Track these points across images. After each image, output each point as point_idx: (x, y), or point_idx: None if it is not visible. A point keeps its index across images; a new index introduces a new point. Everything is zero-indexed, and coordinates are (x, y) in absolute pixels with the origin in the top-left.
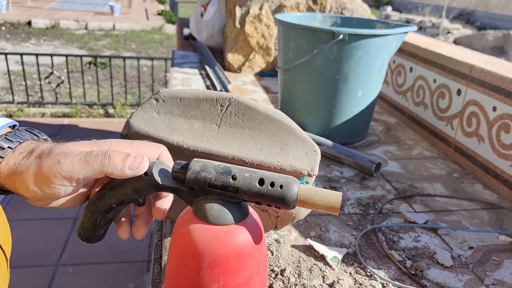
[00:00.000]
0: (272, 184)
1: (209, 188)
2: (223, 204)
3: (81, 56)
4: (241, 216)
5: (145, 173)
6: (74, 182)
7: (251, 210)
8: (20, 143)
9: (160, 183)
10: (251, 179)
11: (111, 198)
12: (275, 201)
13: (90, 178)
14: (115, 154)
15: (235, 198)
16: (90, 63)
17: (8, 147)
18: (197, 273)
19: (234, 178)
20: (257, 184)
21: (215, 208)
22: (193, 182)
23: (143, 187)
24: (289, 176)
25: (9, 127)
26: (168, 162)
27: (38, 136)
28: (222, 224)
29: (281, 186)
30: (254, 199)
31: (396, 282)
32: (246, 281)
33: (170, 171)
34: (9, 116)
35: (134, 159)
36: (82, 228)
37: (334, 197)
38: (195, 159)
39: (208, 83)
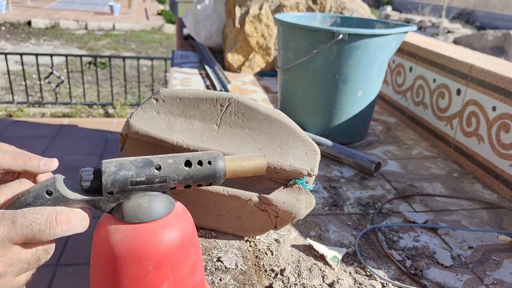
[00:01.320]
0: (200, 163)
1: (132, 187)
2: (150, 198)
3: (81, 56)
4: (170, 206)
5: (48, 192)
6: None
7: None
8: None
9: (71, 198)
10: (177, 163)
11: None
12: (207, 178)
13: (11, 170)
14: (34, 156)
15: (162, 188)
16: (90, 63)
17: None
18: (143, 278)
19: (158, 168)
20: (185, 167)
21: (144, 205)
22: (112, 185)
23: (44, 203)
24: (212, 151)
25: None
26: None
27: None
28: (155, 219)
29: (209, 162)
30: (184, 183)
31: (396, 282)
32: (192, 268)
33: (78, 182)
34: (9, 116)
35: (46, 159)
36: None
37: (259, 158)
38: (104, 160)
39: (208, 83)
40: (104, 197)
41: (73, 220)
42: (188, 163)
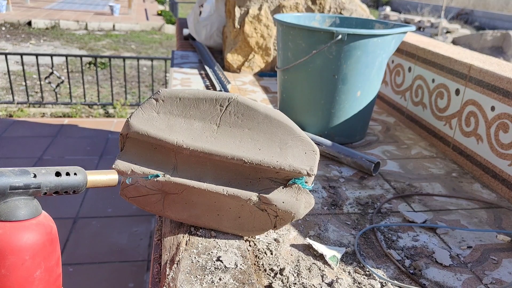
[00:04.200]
0: (68, 174)
1: (10, 191)
2: (25, 202)
3: (81, 56)
4: (40, 209)
5: None
6: None
7: None
8: None
9: None
10: (48, 174)
11: None
12: (72, 187)
13: None
14: None
15: (35, 194)
16: (90, 63)
17: None
18: (19, 267)
19: (34, 176)
20: (56, 177)
21: (20, 206)
22: None
23: None
24: (76, 166)
25: None
26: None
27: None
28: (30, 218)
29: (75, 174)
30: (54, 190)
31: (395, 281)
32: (57, 261)
33: None
34: (10, 116)
35: None
36: None
37: (111, 173)
38: None
39: (208, 83)
40: None
41: None
42: (58, 174)
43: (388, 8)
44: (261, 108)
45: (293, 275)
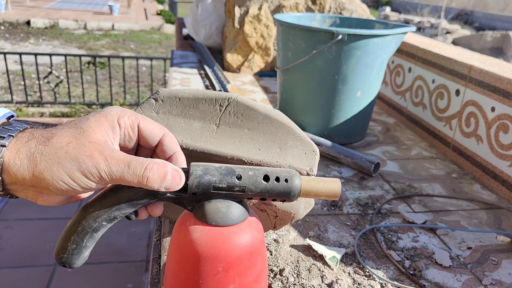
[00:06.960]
0: (277, 179)
1: (214, 191)
2: (228, 205)
3: (80, 56)
4: (245, 214)
5: None
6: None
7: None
8: (21, 130)
9: (160, 192)
10: (256, 176)
11: (101, 215)
12: (281, 195)
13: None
14: (153, 173)
15: (239, 197)
16: (89, 63)
17: (9, 135)
18: (212, 277)
19: (238, 177)
20: (263, 181)
21: (222, 210)
22: (197, 187)
23: (139, 199)
24: (290, 169)
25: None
26: (173, 143)
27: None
28: (230, 225)
29: (286, 180)
30: (260, 196)
31: (395, 282)
32: (257, 277)
33: None
34: None
35: (172, 178)
36: (65, 253)
37: (334, 184)
38: (193, 163)
39: (207, 83)
40: (188, 196)
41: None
42: (266, 178)
43: (388, 9)
44: (261, 108)
45: (293, 275)
